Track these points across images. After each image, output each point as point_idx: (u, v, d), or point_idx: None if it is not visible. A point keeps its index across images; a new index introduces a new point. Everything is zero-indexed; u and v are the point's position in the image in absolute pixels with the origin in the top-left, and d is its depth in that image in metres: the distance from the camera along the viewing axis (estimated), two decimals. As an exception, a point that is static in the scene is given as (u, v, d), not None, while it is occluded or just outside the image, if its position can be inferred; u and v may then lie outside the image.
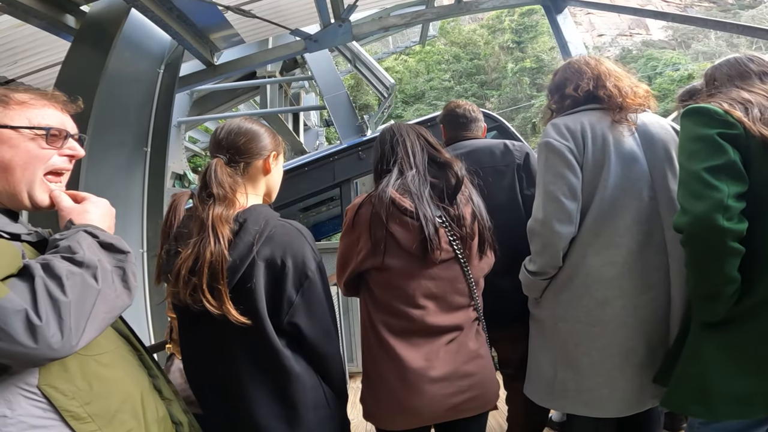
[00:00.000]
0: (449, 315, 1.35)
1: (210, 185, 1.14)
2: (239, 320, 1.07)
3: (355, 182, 4.52)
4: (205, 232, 1.09)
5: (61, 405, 0.86)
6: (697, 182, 1.16)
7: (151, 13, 2.80)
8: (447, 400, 1.30)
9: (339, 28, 3.83)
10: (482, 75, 30.40)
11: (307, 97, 10.17)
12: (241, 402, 1.15)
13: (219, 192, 1.13)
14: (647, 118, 1.58)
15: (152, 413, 1.02)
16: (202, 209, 1.12)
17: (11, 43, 3.46)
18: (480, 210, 1.44)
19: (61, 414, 0.86)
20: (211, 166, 1.17)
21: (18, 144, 0.94)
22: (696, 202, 1.15)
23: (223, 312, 1.06)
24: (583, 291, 1.48)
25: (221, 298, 1.06)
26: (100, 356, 0.95)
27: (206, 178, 1.16)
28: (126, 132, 2.93)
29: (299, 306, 1.15)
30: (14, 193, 0.94)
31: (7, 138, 0.93)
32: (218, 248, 1.07)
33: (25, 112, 0.97)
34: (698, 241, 1.17)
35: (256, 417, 1.14)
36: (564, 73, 1.67)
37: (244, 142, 1.21)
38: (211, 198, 1.13)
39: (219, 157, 1.20)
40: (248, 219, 1.14)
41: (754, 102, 1.21)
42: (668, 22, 25.30)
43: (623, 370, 1.46)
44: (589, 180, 1.48)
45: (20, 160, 0.94)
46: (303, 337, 1.16)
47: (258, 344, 1.12)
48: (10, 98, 0.96)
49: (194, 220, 1.14)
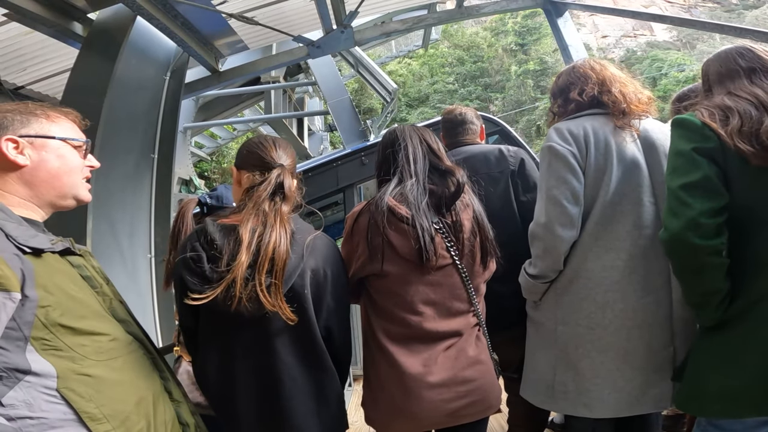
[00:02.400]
0: (448, 321, 1.36)
1: (284, 187, 1.26)
2: (291, 318, 1.17)
3: (358, 187, 4.54)
4: (271, 227, 1.18)
5: (80, 407, 0.91)
6: (674, 199, 1.20)
7: (156, 21, 2.84)
8: (445, 406, 1.31)
9: (341, 34, 3.87)
10: (486, 78, 30.38)
11: (311, 102, 10.22)
12: (278, 401, 1.22)
13: (288, 194, 1.27)
14: (649, 124, 1.59)
15: (162, 415, 1.07)
16: (271, 206, 1.22)
17: (20, 50, 3.51)
18: (480, 216, 1.45)
19: (79, 415, 0.91)
20: (284, 172, 1.29)
21: (65, 154, 1.07)
22: (673, 220, 1.19)
23: (276, 309, 1.15)
24: (584, 294, 1.50)
25: (277, 295, 1.16)
26: (113, 361, 1.01)
27: (278, 180, 1.27)
28: (134, 138, 2.97)
29: (333, 311, 1.29)
30: (61, 196, 1.06)
31: (56, 148, 1.05)
32: (284, 243, 1.17)
33: (63, 125, 1.09)
34: (677, 257, 1.22)
35: (294, 414, 1.22)
36: (568, 76, 1.68)
37: (293, 158, 1.38)
38: (282, 198, 1.25)
39: (283, 167, 1.31)
40: (296, 230, 1.25)
41: (735, 109, 1.20)
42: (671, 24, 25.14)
43: (623, 371, 1.47)
44: (591, 184, 1.49)
45: (67, 167, 1.06)
46: (332, 338, 1.30)
47: (305, 345, 1.25)
48: (50, 114, 1.08)
49: (251, 217, 1.20)
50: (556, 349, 1.56)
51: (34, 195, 1.02)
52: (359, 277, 1.41)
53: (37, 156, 1.03)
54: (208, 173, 14.70)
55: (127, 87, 2.88)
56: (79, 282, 1.02)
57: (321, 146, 10.90)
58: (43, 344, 0.90)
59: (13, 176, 1.00)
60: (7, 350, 0.86)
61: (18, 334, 0.87)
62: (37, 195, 1.03)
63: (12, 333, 0.86)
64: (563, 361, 1.54)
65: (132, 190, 2.92)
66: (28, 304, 0.88)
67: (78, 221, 2.28)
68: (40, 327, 0.90)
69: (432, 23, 5.30)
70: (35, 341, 0.89)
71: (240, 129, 10.44)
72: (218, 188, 1.78)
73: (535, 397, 1.64)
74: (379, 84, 7.35)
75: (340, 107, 5.85)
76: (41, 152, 1.03)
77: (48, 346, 0.91)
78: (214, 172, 15.16)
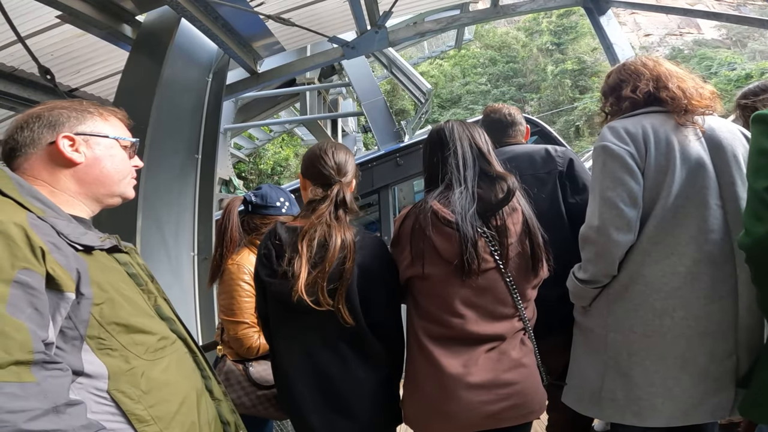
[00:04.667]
0: (491, 324, 1.33)
1: (345, 203, 1.38)
2: (348, 321, 1.27)
3: (393, 188, 4.55)
4: (336, 233, 1.30)
5: (128, 408, 0.90)
6: (759, 202, 1.11)
7: (199, 23, 2.93)
8: (484, 408, 1.28)
9: (375, 34, 3.88)
10: (520, 78, 29.80)
11: (345, 103, 10.33)
12: (336, 397, 1.32)
13: (350, 207, 1.39)
14: (715, 122, 1.50)
15: (205, 414, 1.07)
16: (336, 220, 1.34)
17: (73, 53, 3.67)
18: (530, 220, 1.39)
19: (127, 417, 0.90)
20: (342, 188, 1.39)
21: (115, 153, 1.08)
22: (756, 224, 1.10)
23: (335, 310, 1.26)
24: (641, 300, 1.43)
25: (340, 299, 1.27)
26: (160, 361, 1.00)
27: (338, 200, 1.38)
28: (179, 139, 3.08)
29: (383, 307, 1.36)
30: (109, 194, 1.07)
31: (108, 146, 1.07)
32: (347, 244, 1.29)
33: (114, 125, 1.10)
34: (760, 265, 1.14)
35: (350, 408, 1.31)
36: (619, 74, 1.62)
37: (353, 165, 1.47)
38: (344, 212, 1.37)
39: (341, 183, 1.40)
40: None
41: None
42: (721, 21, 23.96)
43: (679, 380, 1.40)
44: (651, 186, 1.42)
45: (117, 166, 1.08)
46: (385, 333, 1.37)
47: (355, 337, 1.32)
48: (102, 113, 1.09)
49: (317, 224, 1.33)
50: (606, 356, 1.50)
51: (84, 192, 1.03)
52: (405, 278, 1.41)
53: (91, 154, 1.03)
54: (245, 174, 15.10)
55: (174, 88, 2.98)
56: (126, 280, 1.02)
57: (354, 147, 11.00)
58: (99, 343, 0.91)
59: (66, 173, 1.00)
60: (64, 351, 0.86)
61: (74, 333, 0.87)
62: (87, 192, 1.03)
63: (69, 332, 0.86)
64: (613, 368, 1.48)
65: (178, 189, 3.02)
66: (84, 302, 0.88)
67: (128, 220, 2.37)
68: (95, 325, 0.90)
69: (467, 23, 5.24)
70: (90, 340, 0.90)
71: (276, 130, 10.67)
72: (263, 187, 1.82)
73: (578, 403, 1.58)
74: (413, 85, 7.34)
75: (374, 108, 5.88)
76: (95, 150, 1.04)
77: (103, 346, 0.91)
78: (252, 173, 15.56)
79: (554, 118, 24.97)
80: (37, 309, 0.79)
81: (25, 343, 0.75)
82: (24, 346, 0.75)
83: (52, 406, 0.75)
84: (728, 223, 1.40)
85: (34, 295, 0.79)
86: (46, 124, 1.01)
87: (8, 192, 0.88)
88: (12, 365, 0.74)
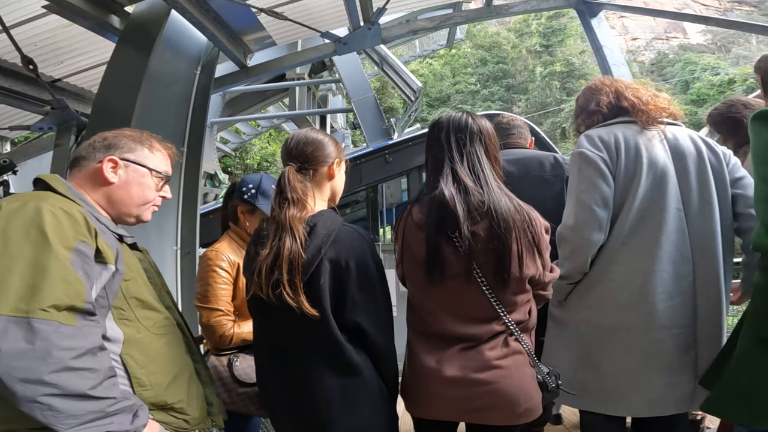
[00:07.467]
0: (465, 326, 1.32)
1: (285, 190, 1.27)
2: (311, 312, 1.18)
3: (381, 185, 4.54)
4: (283, 231, 1.22)
5: (133, 372, 1.06)
6: None
7: (190, 15, 2.87)
8: (460, 402, 1.30)
9: (368, 30, 3.85)
10: (509, 78, 30.05)
11: (334, 100, 10.27)
12: (303, 392, 1.25)
13: (293, 196, 1.26)
14: (678, 131, 1.64)
15: (194, 390, 1.22)
16: (280, 212, 1.25)
17: (57, 43, 3.58)
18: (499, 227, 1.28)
19: (131, 380, 1.06)
20: (285, 174, 1.30)
21: (146, 182, 1.24)
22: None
23: (298, 304, 1.18)
24: (609, 296, 1.55)
25: (297, 291, 1.19)
26: (162, 336, 1.17)
27: (281, 184, 1.29)
28: (164, 132, 2.97)
29: (360, 305, 1.24)
30: (128, 214, 1.23)
31: (141, 174, 1.23)
32: (295, 246, 1.20)
33: (157, 158, 1.27)
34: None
35: (319, 408, 1.23)
36: (584, 95, 1.79)
37: (311, 151, 1.35)
38: (287, 201, 1.26)
39: (291, 165, 1.32)
40: (317, 223, 1.25)
41: None
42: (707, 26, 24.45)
43: (644, 373, 1.52)
44: (620, 190, 1.55)
45: (143, 194, 1.23)
46: (363, 333, 1.25)
47: (323, 337, 1.22)
48: (152, 145, 1.27)
49: (271, 223, 1.27)
50: (579, 348, 1.60)
51: (108, 206, 1.19)
52: (399, 276, 1.45)
53: (125, 177, 1.21)
54: (231, 168, 14.92)
55: (161, 81, 2.92)
56: (141, 271, 1.21)
57: (343, 144, 10.94)
58: (120, 313, 1.09)
59: (100, 189, 1.19)
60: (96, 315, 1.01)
61: (104, 302, 1.05)
62: (110, 207, 1.20)
63: (101, 301, 1.04)
64: (585, 360, 1.59)
65: (162, 182, 2.96)
66: (117, 276, 1.07)
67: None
68: (121, 298, 1.09)
69: (460, 22, 5.25)
70: (114, 310, 1.08)
71: (263, 125, 10.56)
72: (263, 182, 1.77)
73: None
74: (403, 82, 7.34)
75: (364, 105, 5.87)
76: (129, 175, 1.21)
77: (123, 316, 1.09)
78: (237, 167, 15.38)
79: (541, 119, 25.26)
80: (87, 273, 0.98)
81: (81, 293, 0.95)
82: (80, 295, 0.94)
83: (90, 348, 0.93)
84: (687, 225, 1.53)
85: (87, 262, 0.99)
86: (106, 146, 1.21)
87: (64, 193, 1.10)
88: (67, 309, 0.92)
